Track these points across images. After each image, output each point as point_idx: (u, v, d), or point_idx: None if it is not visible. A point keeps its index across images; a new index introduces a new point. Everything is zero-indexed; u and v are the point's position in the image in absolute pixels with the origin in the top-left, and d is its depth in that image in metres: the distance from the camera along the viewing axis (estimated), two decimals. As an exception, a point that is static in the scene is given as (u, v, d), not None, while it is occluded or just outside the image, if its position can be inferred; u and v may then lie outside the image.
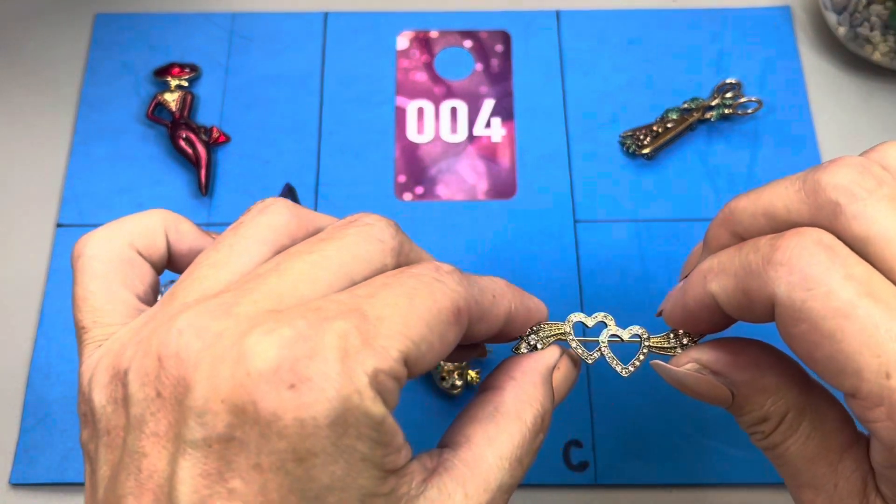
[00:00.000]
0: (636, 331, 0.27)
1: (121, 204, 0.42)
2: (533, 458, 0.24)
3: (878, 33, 0.44)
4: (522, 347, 0.26)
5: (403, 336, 0.20)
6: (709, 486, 0.36)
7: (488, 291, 0.24)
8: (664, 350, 0.26)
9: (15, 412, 0.38)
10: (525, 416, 0.24)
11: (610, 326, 0.27)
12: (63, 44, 0.46)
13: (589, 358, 0.26)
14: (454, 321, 0.21)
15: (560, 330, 0.27)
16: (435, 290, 0.21)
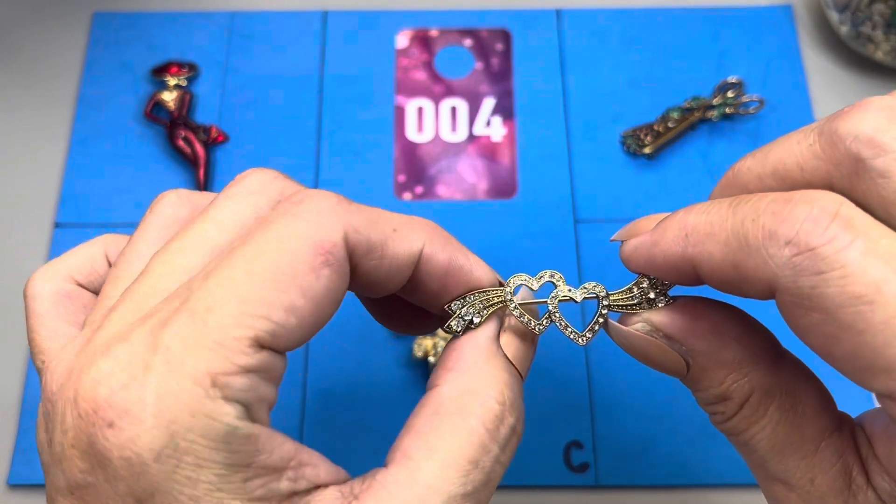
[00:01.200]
0: (592, 288, 0.22)
1: (119, 203, 0.42)
2: (504, 451, 0.20)
3: (880, 32, 0.43)
4: (454, 324, 0.21)
5: (244, 316, 0.17)
6: (710, 487, 0.36)
7: (385, 222, 0.20)
8: (627, 309, 0.22)
9: (12, 413, 0.38)
10: (472, 411, 0.20)
11: (560, 287, 0.22)
12: (61, 42, 0.46)
13: (537, 327, 0.22)
14: (321, 263, 0.18)
15: (497, 296, 0.22)
16: (286, 234, 0.18)
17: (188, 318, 0.17)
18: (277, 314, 0.17)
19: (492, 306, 0.22)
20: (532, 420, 0.37)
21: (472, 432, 0.20)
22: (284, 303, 0.17)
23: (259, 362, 0.17)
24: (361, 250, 0.19)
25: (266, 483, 0.16)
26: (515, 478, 0.36)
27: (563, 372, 0.38)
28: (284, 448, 0.17)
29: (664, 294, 0.21)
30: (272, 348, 0.17)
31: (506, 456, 0.20)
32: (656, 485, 0.36)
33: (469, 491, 0.19)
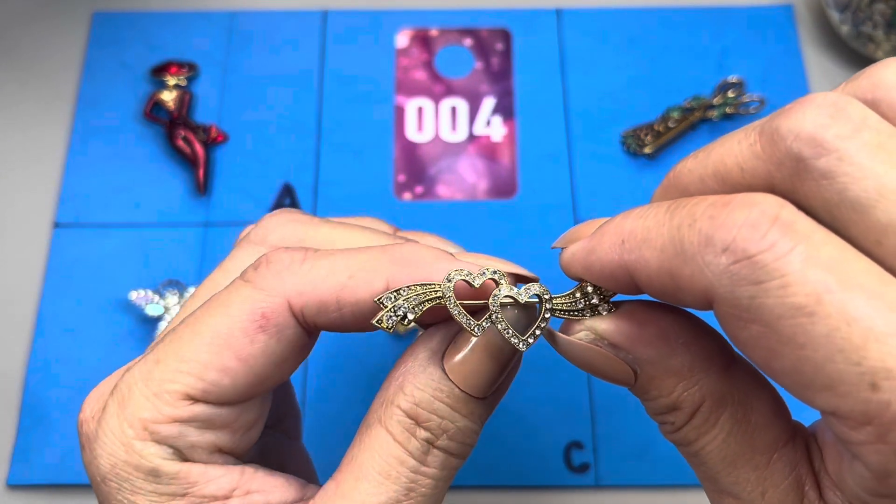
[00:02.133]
0: (536, 290, 0.21)
1: (118, 203, 0.42)
2: (428, 464, 0.20)
3: (881, 32, 0.43)
4: (384, 318, 0.20)
5: (178, 373, 0.19)
6: (711, 487, 0.36)
7: (339, 272, 0.20)
8: (570, 314, 0.20)
9: (12, 413, 0.37)
10: (385, 421, 0.20)
11: (502, 286, 0.20)
12: (60, 42, 0.46)
13: (476, 328, 0.20)
14: (255, 329, 0.19)
15: (435, 291, 0.20)
16: (231, 299, 0.20)
17: (141, 367, 0.20)
18: (209, 374, 0.19)
19: (428, 301, 0.20)
20: (532, 420, 0.37)
21: (383, 444, 0.20)
22: (217, 364, 0.19)
23: (190, 414, 0.19)
24: (311, 310, 0.20)
25: None
26: (516, 478, 0.36)
27: (563, 372, 0.38)
28: (223, 480, 0.20)
29: (607, 300, 0.20)
30: (207, 401, 0.20)
31: (432, 469, 0.20)
32: (657, 485, 0.36)
33: (385, 501, 0.19)
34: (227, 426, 0.21)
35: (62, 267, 0.40)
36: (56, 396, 0.37)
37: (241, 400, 0.20)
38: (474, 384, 0.20)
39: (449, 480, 0.21)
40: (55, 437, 0.37)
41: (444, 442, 0.20)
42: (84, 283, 0.40)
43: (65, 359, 0.38)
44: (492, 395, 0.21)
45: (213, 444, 0.20)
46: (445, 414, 0.20)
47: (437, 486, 0.20)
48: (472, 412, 0.21)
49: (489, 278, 0.20)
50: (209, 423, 0.20)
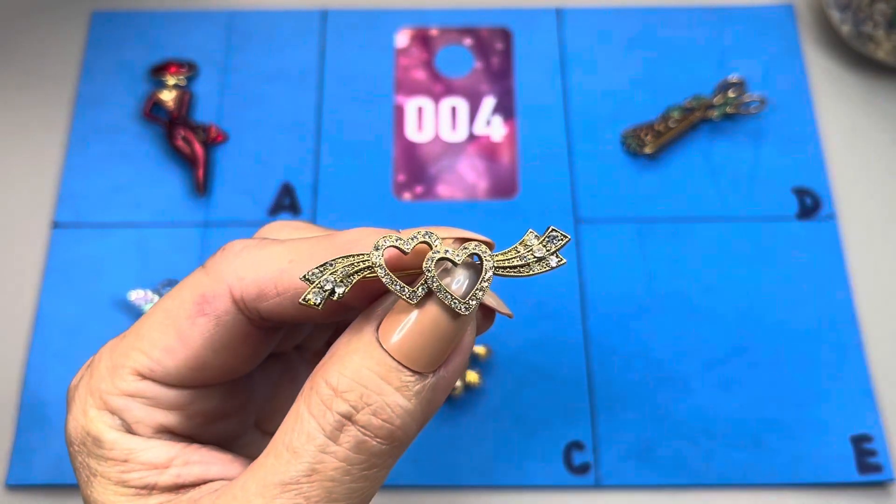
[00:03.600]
0: (472, 248, 0.19)
1: (118, 203, 0.41)
2: (340, 444, 0.18)
3: (881, 31, 0.43)
4: (310, 296, 0.18)
5: (131, 349, 0.20)
6: (712, 487, 0.36)
7: (280, 256, 0.20)
8: (515, 270, 0.19)
9: (11, 413, 0.37)
10: (305, 394, 0.19)
11: (436, 247, 0.19)
12: (59, 41, 0.46)
13: (412, 296, 0.18)
14: (195, 312, 0.20)
15: (363, 261, 0.18)
16: (185, 284, 0.21)
17: (112, 341, 0.21)
18: (154, 353, 0.20)
19: (357, 273, 0.18)
20: (532, 421, 0.37)
21: (297, 417, 0.18)
22: (162, 344, 0.20)
23: (135, 389, 0.20)
24: (251, 295, 0.20)
25: (145, 476, 0.20)
26: (516, 478, 0.36)
27: (563, 372, 0.38)
28: (161, 450, 0.20)
29: (555, 253, 0.19)
30: (154, 380, 0.20)
31: (342, 450, 0.18)
32: (657, 485, 0.36)
33: (287, 480, 0.18)
34: (178, 408, 0.21)
35: (61, 267, 0.40)
36: (55, 396, 0.37)
37: (189, 384, 0.21)
38: (410, 354, 0.18)
39: (372, 473, 0.18)
40: (54, 437, 0.37)
41: (365, 417, 0.18)
42: (83, 283, 0.40)
43: (64, 359, 0.38)
44: (440, 375, 0.19)
45: (159, 423, 0.21)
46: (370, 383, 0.18)
47: (350, 472, 0.18)
48: (406, 386, 0.18)
49: (421, 242, 0.19)
50: (155, 401, 0.21)
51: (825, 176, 0.42)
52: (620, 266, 0.40)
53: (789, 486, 0.36)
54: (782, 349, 0.38)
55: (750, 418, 0.37)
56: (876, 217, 0.42)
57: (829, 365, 0.38)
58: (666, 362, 0.38)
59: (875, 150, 0.43)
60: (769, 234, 0.41)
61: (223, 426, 0.23)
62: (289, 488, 0.18)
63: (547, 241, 0.19)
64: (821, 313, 0.39)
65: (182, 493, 0.20)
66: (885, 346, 0.39)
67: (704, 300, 0.39)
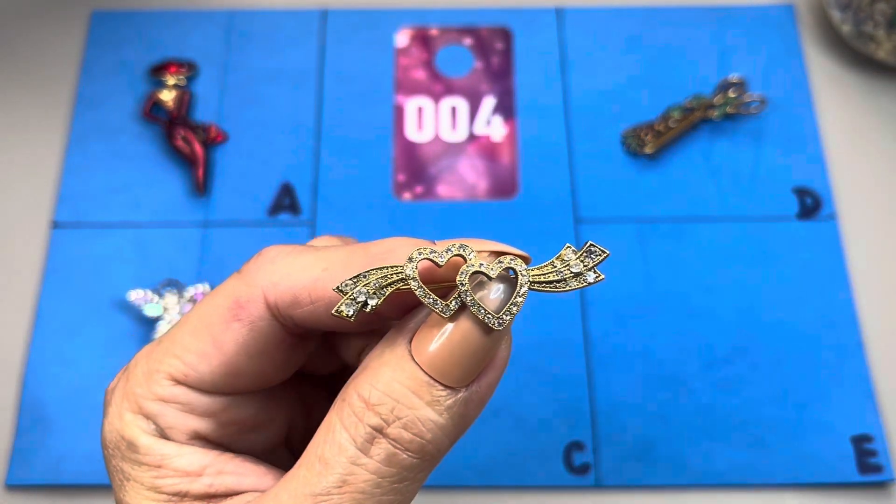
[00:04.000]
0: (508, 262, 0.19)
1: (117, 203, 0.41)
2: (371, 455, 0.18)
3: (882, 31, 0.43)
4: (343, 307, 0.18)
5: (167, 354, 0.20)
6: (712, 488, 0.36)
7: (314, 264, 0.20)
8: (551, 285, 0.19)
9: (10, 414, 0.37)
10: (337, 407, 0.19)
11: (470, 261, 0.18)
12: (59, 41, 0.46)
13: (445, 310, 0.18)
14: (231, 318, 0.20)
15: (397, 273, 0.18)
16: (219, 290, 0.20)
17: (149, 346, 0.21)
18: (189, 358, 0.20)
19: (390, 285, 0.18)
20: (532, 421, 0.37)
21: (330, 428, 0.18)
22: (196, 349, 0.20)
23: (170, 395, 0.20)
24: (285, 302, 0.20)
25: (177, 483, 0.20)
26: (516, 479, 0.36)
27: (564, 372, 0.38)
28: (194, 458, 0.20)
29: (592, 267, 0.19)
30: (188, 385, 0.20)
31: (374, 462, 0.18)
32: (657, 486, 0.36)
33: (318, 491, 0.18)
34: (211, 415, 0.21)
35: (60, 267, 0.40)
36: (55, 397, 0.37)
37: (223, 390, 0.21)
38: (443, 368, 0.18)
39: (403, 486, 0.18)
40: (54, 437, 0.37)
41: (396, 430, 0.18)
42: (82, 283, 0.40)
43: (63, 359, 0.38)
44: (473, 390, 0.19)
45: (192, 429, 0.21)
46: (401, 397, 0.18)
47: (381, 486, 0.18)
48: (437, 401, 0.18)
49: (455, 255, 0.18)
50: (189, 407, 0.21)
51: (826, 176, 0.42)
52: (620, 266, 0.40)
53: (790, 487, 0.36)
54: (783, 349, 0.38)
55: (750, 418, 0.37)
56: (877, 217, 0.41)
57: (830, 365, 0.38)
58: (666, 362, 0.38)
59: (876, 149, 0.43)
60: (769, 234, 0.41)
61: (256, 438, 0.23)
62: (319, 499, 0.18)
63: (585, 256, 0.19)
64: (821, 313, 0.39)
65: (215, 503, 0.20)
66: (885, 346, 0.39)
67: (704, 300, 0.39)
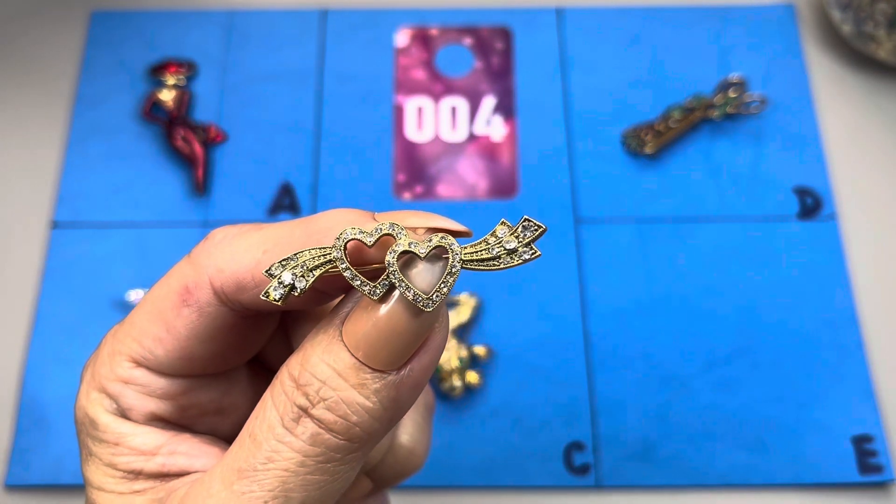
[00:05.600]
0: (437, 241, 0.18)
1: (117, 203, 0.41)
2: (296, 434, 0.18)
3: (882, 31, 0.43)
4: (271, 290, 0.18)
5: (128, 337, 0.21)
6: (713, 488, 0.36)
7: (256, 246, 0.19)
8: (485, 263, 0.18)
9: (10, 414, 0.37)
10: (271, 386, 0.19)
11: (400, 240, 0.18)
12: (59, 41, 0.46)
13: (373, 292, 0.18)
14: (180, 303, 0.20)
15: (326, 255, 0.18)
16: (173, 273, 0.21)
17: (116, 327, 0.22)
18: (146, 341, 0.21)
19: (318, 267, 0.18)
20: (532, 421, 0.37)
21: (263, 406, 0.19)
22: (152, 333, 0.20)
23: (129, 376, 0.21)
24: (230, 287, 0.19)
25: (132, 461, 0.20)
26: (516, 479, 0.36)
27: (564, 372, 0.38)
28: (149, 437, 0.21)
29: (528, 243, 0.18)
30: (147, 367, 0.21)
31: (299, 441, 0.18)
32: (657, 486, 0.36)
33: (245, 466, 0.18)
34: (170, 398, 0.21)
35: (60, 267, 0.40)
36: (54, 397, 0.37)
37: (180, 373, 0.21)
38: (369, 351, 0.18)
39: (330, 466, 0.18)
40: (53, 437, 0.36)
41: (320, 411, 0.18)
42: (82, 283, 0.39)
43: (63, 359, 0.38)
44: (404, 374, 0.18)
45: (150, 410, 0.21)
46: (327, 378, 0.18)
47: (305, 464, 0.18)
48: (364, 384, 0.18)
49: (385, 233, 0.18)
50: (148, 389, 0.21)
51: (826, 176, 0.42)
52: (620, 266, 0.40)
53: (790, 487, 0.36)
54: (783, 349, 0.38)
55: (751, 419, 0.37)
56: (877, 217, 0.41)
57: (830, 365, 0.38)
58: (666, 362, 0.38)
59: (876, 149, 0.43)
60: (770, 234, 0.41)
61: (220, 421, 0.23)
62: (245, 474, 0.18)
63: (520, 231, 0.18)
64: (821, 313, 0.39)
65: (166, 482, 0.20)
66: (885, 346, 0.38)
67: (705, 300, 0.39)
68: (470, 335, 0.38)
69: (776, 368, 0.38)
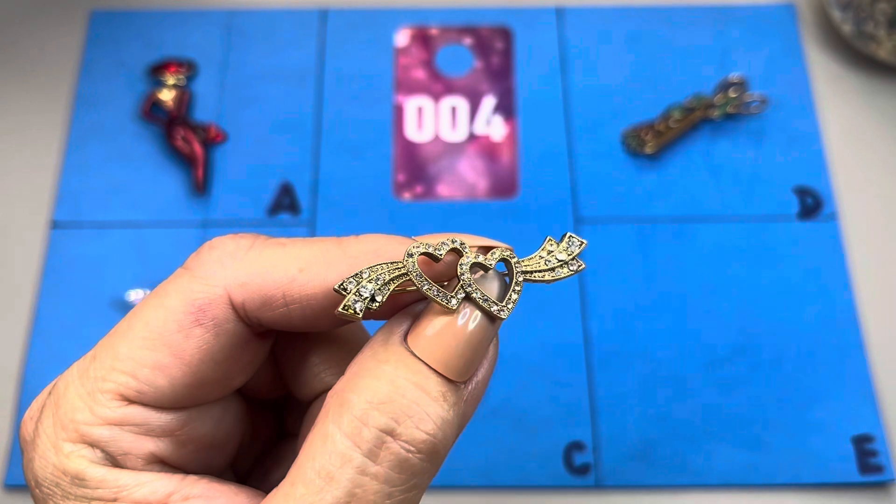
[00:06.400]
0: (501, 254, 0.19)
1: (117, 203, 0.41)
2: (379, 462, 0.16)
3: (883, 31, 0.43)
4: (350, 303, 0.18)
5: (112, 371, 0.18)
6: (713, 488, 0.36)
7: (289, 262, 0.18)
8: (541, 274, 0.20)
9: (9, 414, 0.37)
10: (332, 412, 0.17)
11: (467, 254, 0.19)
12: (58, 41, 0.46)
13: (450, 300, 0.18)
14: (191, 322, 0.18)
15: (398, 269, 0.18)
16: (167, 290, 0.18)
17: (80, 364, 0.19)
18: (142, 372, 0.18)
19: (393, 280, 0.18)
20: (532, 421, 0.37)
21: (326, 438, 0.17)
22: (151, 361, 0.18)
23: (122, 416, 0.18)
24: (254, 304, 0.18)
25: None
26: (516, 479, 0.36)
27: (564, 372, 0.38)
28: (158, 484, 0.18)
29: (574, 255, 0.20)
30: (143, 403, 0.18)
31: (383, 470, 0.16)
32: (657, 486, 0.36)
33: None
34: (170, 434, 0.19)
35: (60, 267, 0.40)
36: (54, 397, 0.37)
37: (184, 404, 0.19)
38: (448, 361, 0.17)
39: (412, 495, 0.17)
40: (53, 437, 0.36)
41: (408, 430, 0.16)
42: (82, 283, 0.39)
43: (62, 359, 0.38)
44: (470, 385, 0.18)
45: (150, 453, 0.18)
46: (408, 392, 0.17)
47: (392, 496, 0.16)
48: (445, 396, 0.17)
49: (451, 248, 0.19)
50: (146, 429, 0.18)
51: (826, 175, 0.42)
52: (620, 266, 0.40)
53: (790, 487, 0.36)
54: (783, 349, 0.38)
55: (751, 419, 0.37)
56: (877, 217, 0.41)
57: (831, 365, 0.38)
58: (666, 362, 0.38)
59: (876, 149, 0.43)
60: (770, 234, 0.41)
61: (212, 457, 0.21)
62: None
63: (567, 246, 0.20)
64: (822, 313, 0.39)
65: None
66: (886, 346, 0.38)
67: (705, 300, 0.39)
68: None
69: (776, 368, 0.38)
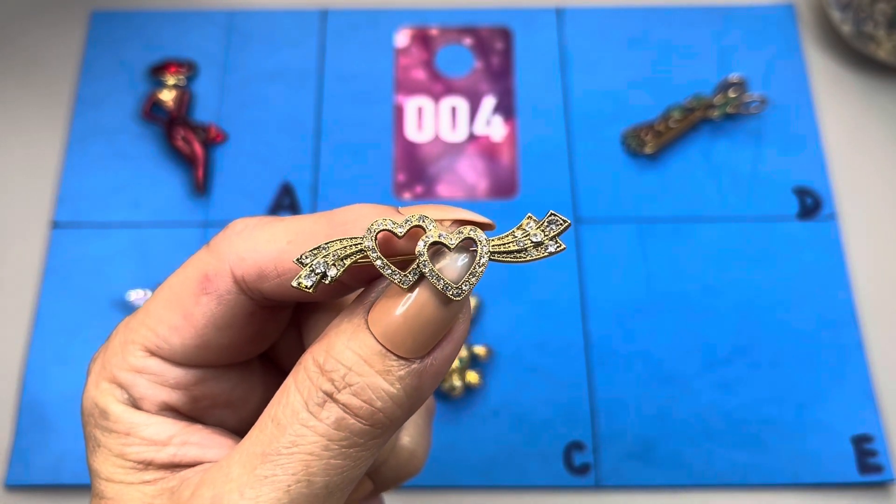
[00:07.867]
0: (467, 232, 0.19)
1: (117, 203, 0.41)
2: (321, 418, 0.18)
3: (882, 31, 0.43)
4: (302, 278, 0.18)
5: (142, 326, 0.21)
6: (712, 488, 0.36)
7: (279, 236, 0.20)
8: (511, 255, 0.19)
9: (10, 414, 0.37)
10: (292, 374, 0.19)
11: (429, 231, 0.18)
12: (59, 41, 0.46)
13: (404, 280, 0.18)
14: (199, 291, 0.20)
15: (356, 245, 0.18)
16: (191, 262, 0.21)
17: (128, 320, 0.22)
18: (162, 330, 0.21)
19: (349, 256, 0.18)
20: (532, 421, 0.37)
21: (284, 390, 0.19)
22: (168, 321, 0.20)
23: (143, 366, 0.21)
24: (252, 276, 0.20)
25: (143, 451, 0.20)
26: (516, 479, 0.36)
27: (564, 372, 0.38)
28: (161, 427, 0.21)
29: (554, 237, 0.19)
30: (161, 357, 0.21)
31: (323, 425, 0.18)
32: (657, 486, 0.36)
33: (268, 451, 0.18)
34: (183, 388, 0.21)
35: (60, 267, 0.40)
36: (54, 397, 0.37)
37: (195, 363, 0.21)
38: (396, 339, 0.18)
39: (352, 451, 0.19)
40: (53, 437, 0.36)
41: (346, 396, 0.18)
42: (82, 283, 0.39)
43: (63, 359, 0.38)
44: (428, 362, 0.19)
45: (163, 400, 0.21)
46: (353, 364, 0.18)
47: (329, 448, 0.18)
48: (389, 371, 0.18)
49: (415, 225, 0.18)
50: (161, 379, 0.21)
51: (826, 176, 0.42)
52: (620, 266, 0.40)
53: (790, 487, 0.36)
54: (783, 349, 0.38)
55: (750, 418, 0.37)
56: (877, 217, 0.41)
57: (830, 365, 0.38)
58: (666, 362, 0.38)
59: (876, 149, 0.43)
60: (770, 234, 0.41)
61: (230, 414, 0.23)
62: (268, 458, 0.18)
63: (546, 225, 0.19)
64: (821, 313, 0.39)
65: (177, 472, 0.20)
66: (885, 346, 0.38)
67: (704, 300, 0.39)
68: (470, 335, 0.38)
69: (776, 368, 0.38)
